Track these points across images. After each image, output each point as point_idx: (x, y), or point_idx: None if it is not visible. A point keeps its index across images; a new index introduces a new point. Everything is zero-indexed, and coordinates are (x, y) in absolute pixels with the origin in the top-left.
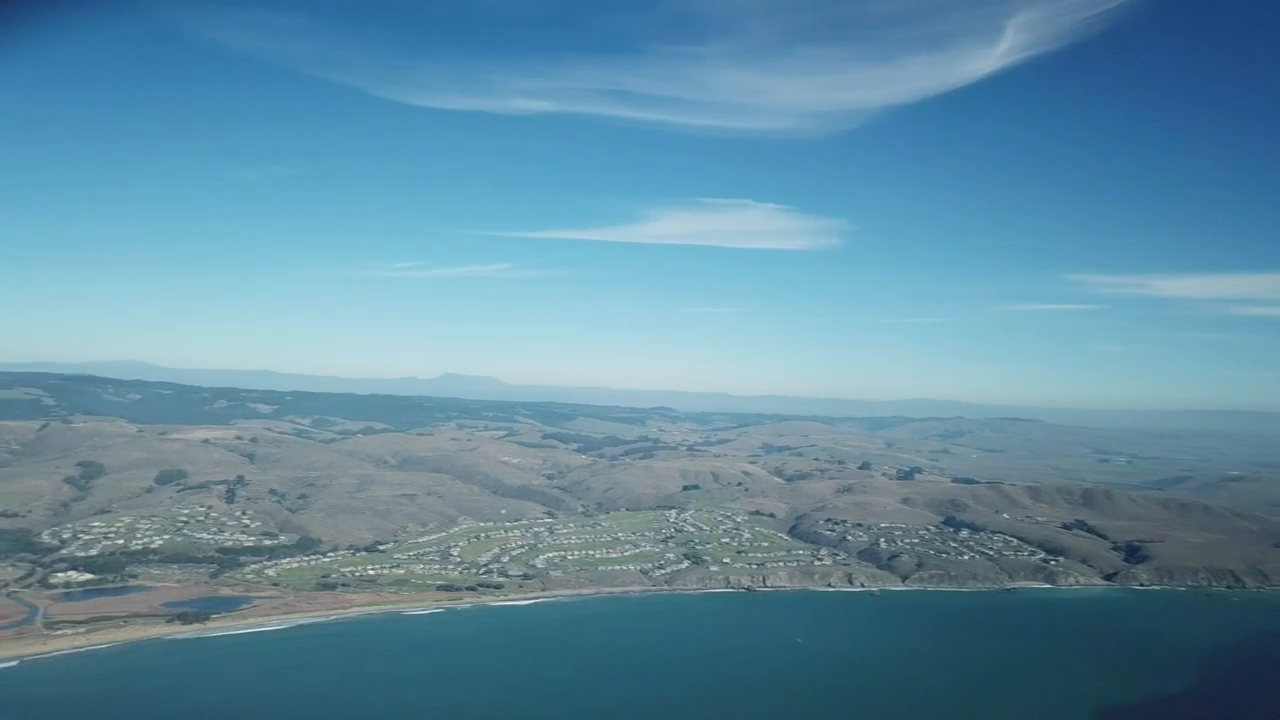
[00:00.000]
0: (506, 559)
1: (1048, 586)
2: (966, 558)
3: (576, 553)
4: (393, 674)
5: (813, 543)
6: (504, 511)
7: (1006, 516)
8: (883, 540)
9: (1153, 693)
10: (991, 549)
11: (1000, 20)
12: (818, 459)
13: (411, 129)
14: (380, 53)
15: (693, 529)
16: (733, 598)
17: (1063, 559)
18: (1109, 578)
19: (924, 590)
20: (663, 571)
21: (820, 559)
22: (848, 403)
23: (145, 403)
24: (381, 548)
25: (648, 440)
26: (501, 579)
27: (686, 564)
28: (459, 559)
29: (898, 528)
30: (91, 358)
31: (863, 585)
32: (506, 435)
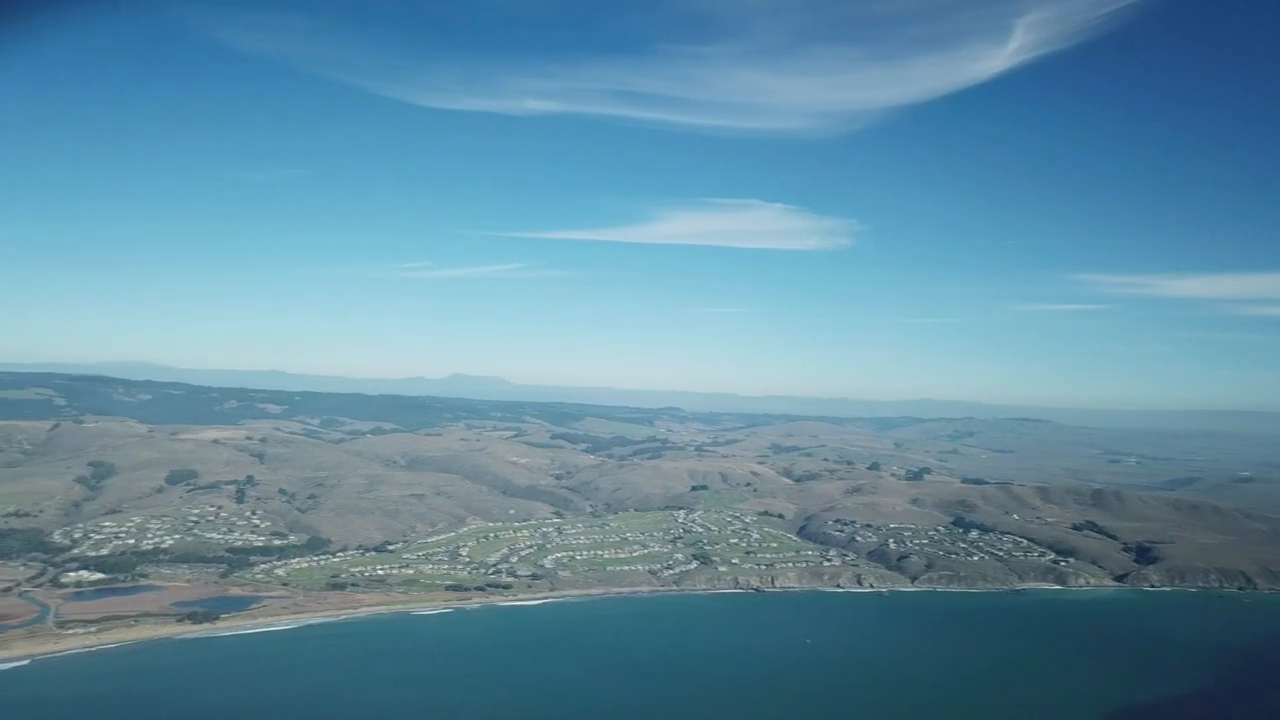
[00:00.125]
0: (515, 559)
1: (1058, 588)
2: (976, 559)
3: (585, 553)
4: (402, 674)
5: (821, 543)
6: (512, 511)
7: (1016, 517)
8: (892, 541)
9: (1164, 695)
10: (1001, 550)
11: (1009, 20)
12: (826, 459)
13: (420, 130)
14: (389, 54)
15: (701, 529)
16: (741, 598)
17: (1073, 560)
18: (1119, 579)
19: (933, 591)
20: (671, 572)
21: (829, 560)
22: (856, 403)
23: (155, 403)
24: (390, 548)
25: (656, 440)
26: (510, 579)
27: (695, 564)
28: (468, 559)
29: (907, 528)
30: (102, 358)
31: (872, 586)
32: (515, 435)
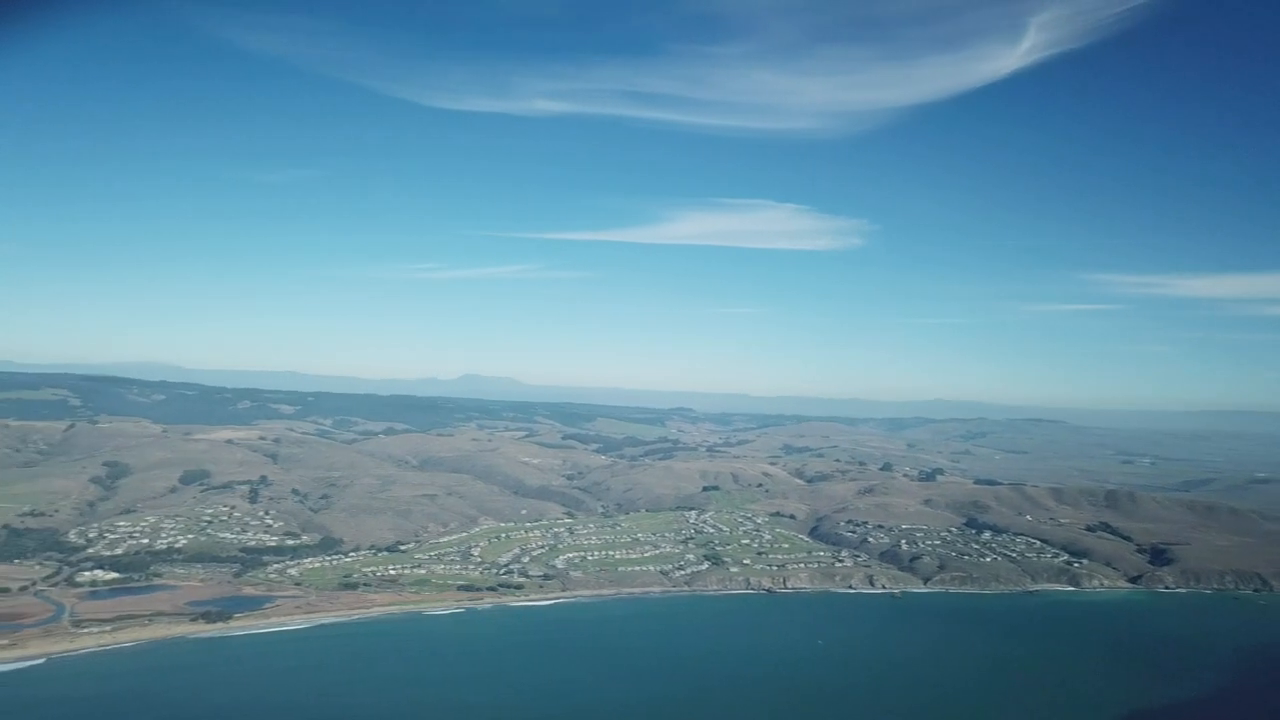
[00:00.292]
0: (527, 559)
1: (1071, 589)
2: (989, 560)
3: (596, 553)
4: (414, 674)
5: (833, 544)
6: (524, 512)
7: (1029, 518)
8: (904, 542)
9: (1177, 697)
10: (1014, 551)
11: (1021, 19)
12: (838, 460)
13: (432, 131)
14: (399, 55)
15: (713, 530)
16: (753, 599)
17: (1086, 561)
18: (1134, 580)
19: (946, 592)
20: (683, 572)
21: (841, 560)
22: (868, 403)
23: (170, 403)
24: (403, 548)
25: (667, 441)
26: (522, 579)
27: (706, 565)
28: (480, 559)
29: (919, 529)
30: (117, 359)
31: (884, 587)
32: (526, 436)
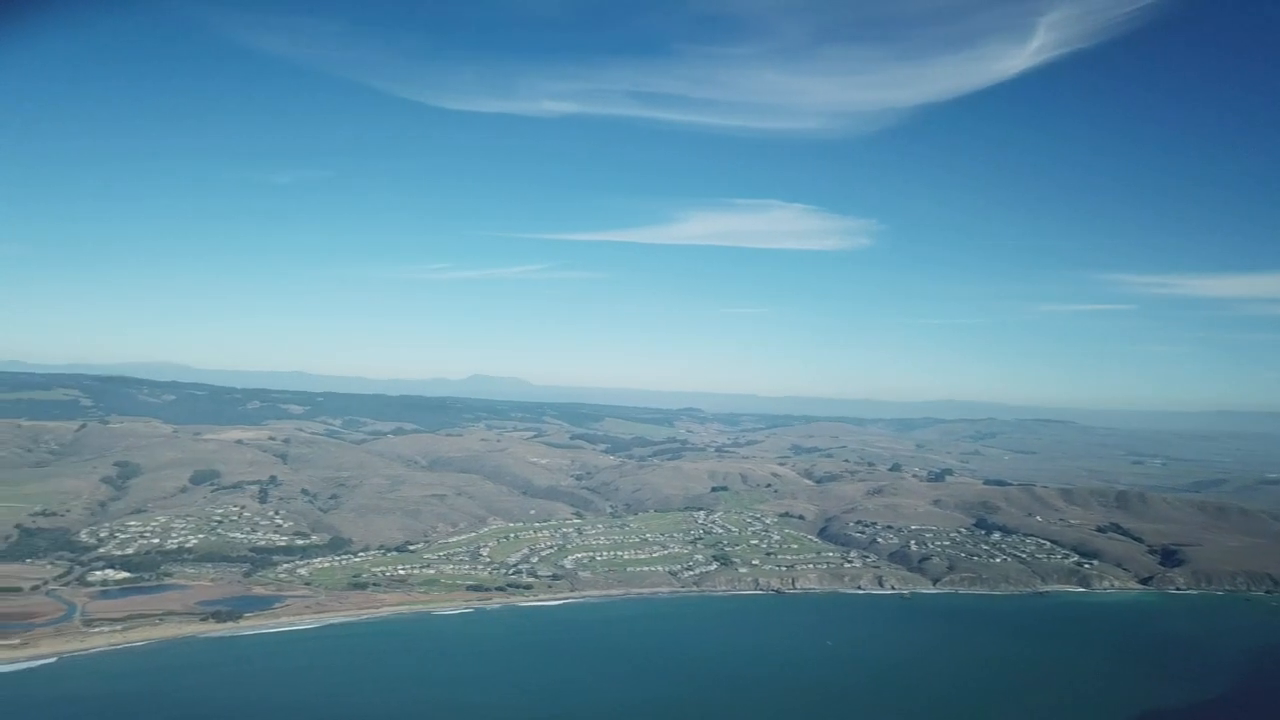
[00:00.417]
0: (535, 559)
1: (1081, 590)
2: (998, 560)
3: (605, 554)
4: (422, 673)
5: (842, 545)
6: (533, 512)
7: (1039, 519)
8: (913, 543)
9: (1187, 699)
10: (1024, 552)
11: (1031, 18)
12: (847, 460)
13: (439, 131)
14: (408, 56)
15: (721, 531)
16: (762, 600)
17: (1097, 562)
18: (1144, 581)
19: (955, 593)
20: (691, 573)
21: (850, 561)
22: (877, 404)
23: (180, 403)
24: (412, 548)
25: (676, 441)
26: (531, 579)
27: (715, 566)
28: (488, 559)
29: (928, 530)
30: (127, 359)
31: (893, 588)
32: (535, 436)
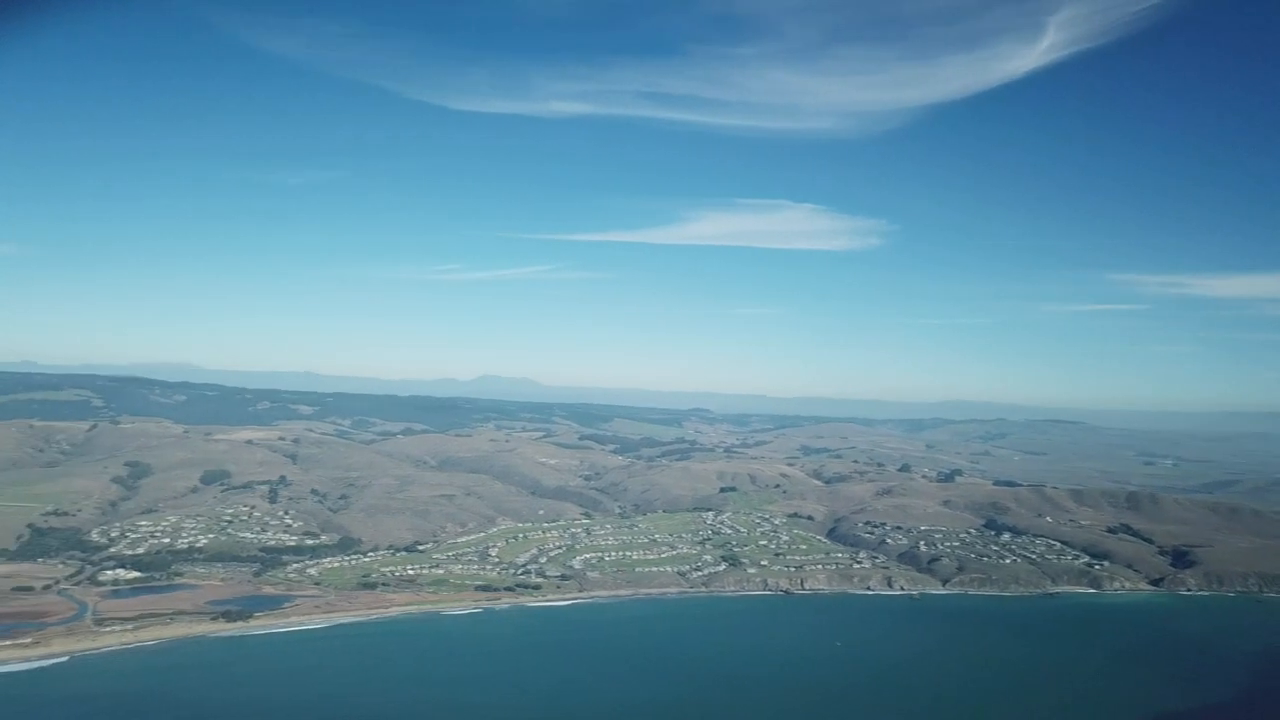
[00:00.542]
0: (544, 560)
1: (1092, 591)
2: (1008, 561)
3: (614, 554)
4: (431, 674)
5: (852, 545)
6: (542, 512)
7: (1049, 520)
8: (923, 543)
9: (1198, 701)
10: (1034, 553)
11: (1040, 18)
12: (856, 461)
13: (449, 132)
14: (418, 57)
15: (730, 531)
16: (770, 600)
17: (1107, 563)
18: (1155, 583)
19: (965, 594)
20: (700, 573)
21: (859, 562)
22: (887, 404)
23: (190, 404)
24: (421, 548)
25: (684, 442)
26: (539, 580)
27: (724, 566)
28: (497, 559)
29: (938, 531)
30: (138, 359)
31: (902, 589)
32: (544, 436)
